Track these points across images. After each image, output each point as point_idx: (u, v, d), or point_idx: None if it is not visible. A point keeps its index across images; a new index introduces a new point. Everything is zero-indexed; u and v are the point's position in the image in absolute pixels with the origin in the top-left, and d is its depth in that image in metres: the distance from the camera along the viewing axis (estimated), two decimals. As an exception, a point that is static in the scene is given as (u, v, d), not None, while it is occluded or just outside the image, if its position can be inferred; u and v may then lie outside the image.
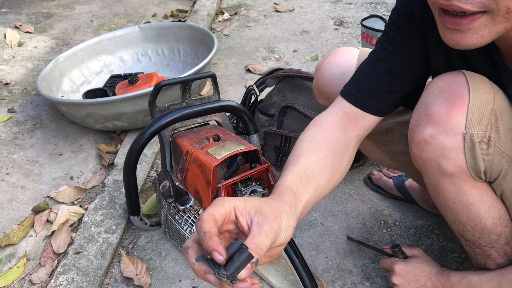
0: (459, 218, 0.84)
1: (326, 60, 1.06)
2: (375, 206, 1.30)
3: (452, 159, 0.76)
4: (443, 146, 0.76)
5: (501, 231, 0.83)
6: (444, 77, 0.78)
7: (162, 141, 1.11)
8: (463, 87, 0.74)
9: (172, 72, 1.99)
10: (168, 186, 1.03)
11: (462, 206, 0.82)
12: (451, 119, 0.74)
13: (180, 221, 1.08)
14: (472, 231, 0.85)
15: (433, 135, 0.76)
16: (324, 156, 0.81)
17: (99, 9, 2.76)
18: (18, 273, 1.14)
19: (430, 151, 0.77)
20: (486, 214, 0.81)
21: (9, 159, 1.55)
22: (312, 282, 0.97)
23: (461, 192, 0.80)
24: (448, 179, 0.79)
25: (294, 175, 0.74)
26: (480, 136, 0.74)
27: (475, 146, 0.74)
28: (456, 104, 0.74)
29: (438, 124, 0.75)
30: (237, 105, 1.12)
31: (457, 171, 0.77)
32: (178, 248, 1.16)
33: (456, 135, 0.74)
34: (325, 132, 0.85)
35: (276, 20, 2.62)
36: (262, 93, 1.44)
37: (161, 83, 1.10)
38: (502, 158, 0.75)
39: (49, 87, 1.70)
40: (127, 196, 1.11)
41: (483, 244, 0.85)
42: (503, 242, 0.84)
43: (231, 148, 1.03)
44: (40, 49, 2.28)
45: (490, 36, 0.64)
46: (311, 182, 0.75)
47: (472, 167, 0.76)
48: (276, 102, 1.40)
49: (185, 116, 1.05)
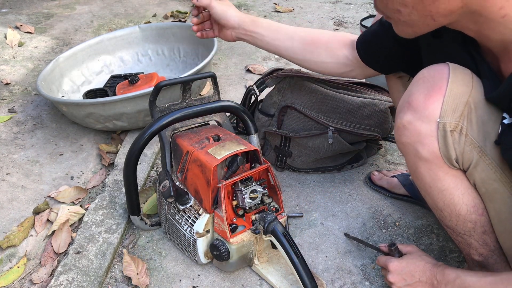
0: (436, 203, 0.88)
1: None
2: (375, 206, 1.31)
3: (427, 145, 0.81)
4: (419, 132, 0.81)
5: (476, 219, 0.85)
6: (430, 67, 0.83)
7: (162, 141, 1.11)
8: (443, 78, 0.79)
9: (172, 72, 1.99)
10: (168, 186, 1.03)
11: (437, 191, 0.86)
12: (427, 107, 0.79)
13: (180, 220, 1.09)
14: (449, 217, 0.88)
15: (410, 121, 0.82)
16: (304, 36, 1.16)
17: (99, 9, 2.76)
18: (19, 273, 1.14)
19: (408, 136, 0.83)
20: (460, 200, 0.85)
21: (9, 159, 1.55)
22: (312, 281, 0.97)
23: (436, 177, 0.85)
24: (424, 164, 0.84)
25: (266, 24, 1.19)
26: (453, 126, 0.79)
27: (447, 135, 0.79)
28: (433, 93, 0.79)
29: (415, 111, 0.81)
30: (237, 105, 1.12)
31: (431, 157, 0.82)
32: (178, 248, 1.16)
33: (431, 123, 0.79)
34: (329, 40, 1.16)
35: (276, 20, 2.61)
36: (262, 93, 1.44)
37: (161, 83, 1.10)
38: (473, 148, 0.79)
39: (49, 87, 1.70)
40: (127, 196, 1.12)
41: (462, 232, 0.89)
42: (480, 231, 0.87)
43: (231, 148, 1.03)
44: (41, 49, 2.28)
45: (415, 34, 0.80)
46: (277, 33, 1.16)
47: (444, 154, 0.81)
48: (276, 102, 1.41)
49: (186, 116, 1.05)
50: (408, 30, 0.78)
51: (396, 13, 0.75)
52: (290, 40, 1.15)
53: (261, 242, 1.08)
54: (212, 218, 1.04)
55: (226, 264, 1.06)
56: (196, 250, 1.08)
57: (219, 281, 1.10)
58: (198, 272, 1.12)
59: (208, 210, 1.03)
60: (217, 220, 1.03)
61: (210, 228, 1.06)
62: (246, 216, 1.04)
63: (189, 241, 1.08)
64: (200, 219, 1.04)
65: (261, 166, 1.06)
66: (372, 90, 1.40)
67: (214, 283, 1.09)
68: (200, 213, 1.05)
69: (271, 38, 1.16)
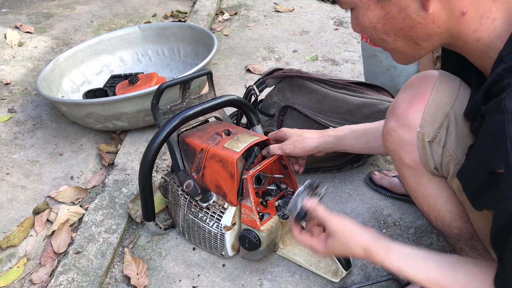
0: (422, 207, 0.89)
1: None
2: (375, 206, 1.31)
3: (409, 152, 0.81)
4: (401, 139, 0.81)
5: (461, 225, 0.85)
6: (420, 74, 0.83)
7: (170, 143, 1.11)
8: (429, 87, 0.79)
9: (172, 72, 1.99)
10: (193, 185, 1.05)
11: (422, 197, 0.87)
12: (408, 116, 0.79)
13: (204, 218, 1.10)
14: (435, 221, 0.88)
15: (394, 127, 0.82)
16: None
17: (99, 9, 2.76)
18: (19, 273, 1.14)
19: (392, 142, 0.84)
20: (443, 207, 0.85)
21: (9, 159, 1.55)
22: None
23: (420, 183, 0.85)
24: (408, 170, 0.85)
25: None
26: (431, 137, 0.78)
27: (425, 145, 0.79)
28: (416, 102, 0.79)
29: (398, 118, 0.81)
30: (241, 98, 1.18)
31: (414, 164, 0.82)
32: (200, 246, 1.17)
33: (412, 131, 0.80)
34: None
35: (276, 20, 2.62)
36: (262, 93, 1.44)
37: (163, 85, 1.10)
38: (451, 160, 0.78)
39: (49, 87, 1.70)
40: (142, 202, 1.12)
41: (450, 236, 0.89)
42: (467, 237, 0.86)
43: (247, 140, 1.06)
44: (40, 49, 2.28)
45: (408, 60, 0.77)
46: None
47: (424, 162, 0.81)
48: (276, 102, 1.40)
49: (197, 114, 1.08)
50: (401, 56, 0.77)
51: (383, 43, 0.75)
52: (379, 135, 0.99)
53: (284, 226, 1.12)
54: (238, 210, 1.06)
55: (256, 253, 1.08)
56: (223, 244, 1.10)
57: (219, 281, 1.10)
58: (198, 272, 1.12)
59: (234, 203, 1.06)
60: (244, 211, 1.05)
61: (236, 220, 1.08)
62: (269, 203, 1.07)
63: (216, 236, 1.09)
64: (227, 212, 1.06)
65: None
66: (372, 90, 1.40)
67: (214, 283, 1.09)
68: (225, 207, 1.07)
69: (362, 143, 1.09)
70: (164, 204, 1.30)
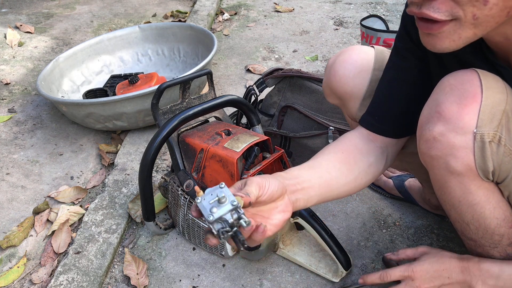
0: (463, 217, 0.84)
1: (340, 58, 1.05)
2: (375, 206, 1.31)
3: (461, 158, 0.76)
4: (453, 144, 0.75)
5: (505, 232, 0.83)
6: (456, 74, 0.77)
7: (170, 143, 1.11)
8: (476, 85, 0.74)
9: (172, 72, 1.99)
10: (193, 185, 1.05)
11: (467, 205, 0.82)
12: (462, 118, 0.74)
13: None
14: (475, 231, 0.84)
15: (442, 132, 0.76)
16: (334, 155, 0.91)
17: (99, 9, 2.76)
18: (19, 273, 1.14)
19: (439, 148, 0.77)
20: (490, 214, 0.81)
21: (9, 159, 1.55)
22: (344, 254, 1.03)
23: (468, 191, 0.80)
24: (455, 178, 0.79)
25: (296, 167, 0.85)
26: (491, 136, 0.74)
27: (485, 146, 0.74)
28: (468, 102, 0.74)
29: (448, 122, 0.75)
30: (241, 98, 1.18)
31: (465, 170, 0.77)
32: (200, 246, 1.17)
33: (466, 134, 0.74)
34: (342, 140, 0.95)
35: (276, 20, 2.62)
36: (262, 93, 1.44)
37: (163, 85, 1.10)
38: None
39: (49, 87, 1.70)
40: (142, 202, 1.12)
41: (485, 244, 0.85)
42: (506, 243, 0.84)
43: (246, 140, 1.06)
44: (40, 49, 2.28)
45: (461, 41, 0.68)
46: (314, 169, 0.86)
47: (480, 166, 0.76)
48: (276, 102, 1.40)
49: (197, 114, 1.08)
50: (468, 33, 0.67)
51: (474, 7, 0.64)
52: (330, 168, 0.90)
53: (284, 226, 1.11)
54: None
55: (256, 253, 1.08)
56: (223, 244, 1.10)
57: (219, 281, 1.10)
58: (198, 272, 1.12)
59: None
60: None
61: None
62: None
63: None
64: None
65: (276, 153, 1.10)
66: (372, 90, 1.40)
67: (214, 283, 1.09)
68: None
69: (321, 180, 0.87)
70: (164, 204, 1.30)
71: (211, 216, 0.63)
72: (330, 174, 0.87)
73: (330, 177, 0.87)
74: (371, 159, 0.93)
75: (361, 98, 1.02)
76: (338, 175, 0.88)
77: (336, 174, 0.88)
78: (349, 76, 1.03)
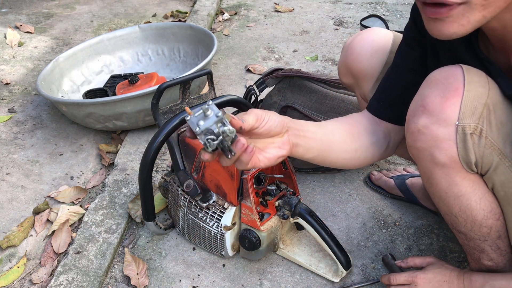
0: (451, 209, 0.86)
1: (358, 37, 1.07)
2: (375, 206, 1.31)
3: (444, 149, 0.78)
4: (436, 136, 0.78)
5: (492, 224, 0.84)
6: (442, 69, 0.80)
7: (171, 143, 1.11)
8: (459, 80, 0.76)
9: (172, 72, 1.99)
10: (193, 185, 1.05)
11: (454, 197, 0.84)
12: (444, 110, 0.76)
13: (204, 218, 1.10)
14: (463, 223, 0.86)
15: (426, 125, 0.78)
16: (340, 124, 0.94)
17: (99, 9, 2.76)
18: (19, 273, 1.14)
19: (424, 140, 0.80)
20: (477, 206, 0.83)
21: (9, 159, 1.55)
22: (344, 254, 1.04)
23: (453, 183, 0.82)
24: (440, 169, 0.81)
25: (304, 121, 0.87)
26: (472, 128, 0.76)
27: (467, 138, 0.76)
28: (450, 96, 0.76)
29: (432, 115, 0.78)
30: (241, 98, 1.18)
31: (449, 162, 0.79)
32: (200, 246, 1.17)
33: (449, 126, 0.76)
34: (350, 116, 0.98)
35: (276, 20, 2.62)
36: (262, 93, 1.44)
37: (163, 85, 1.10)
38: (493, 151, 0.77)
39: (49, 87, 1.70)
40: (143, 202, 1.12)
41: (475, 237, 0.87)
42: (494, 236, 0.85)
43: None
44: (40, 49, 2.28)
45: (470, 25, 0.68)
46: (320, 126, 0.89)
47: (463, 158, 0.78)
48: (276, 102, 1.40)
49: None
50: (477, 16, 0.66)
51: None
52: (335, 130, 0.94)
53: (284, 226, 1.12)
54: (238, 210, 1.06)
55: (256, 253, 1.08)
56: (223, 244, 1.10)
57: (219, 281, 1.10)
58: (198, 272, 1.12)
59: (234, 203, 1.06)
60: (244, 211, 1.05)
61: (236, 220, 1.08)
62: (269, 203, 1.07)
63: (216, 236, 1.09)
64: (227, 212, 1.06)
65: None
66: (372, 90, 1.40)
67: (214, 283, 1.09)
68: (225, 207, 1.07)
69: (325, 136, 0.90)
70: (164, 204, 1.30)
71: (198, 128, 0.67)
72: (333, 136, 0.90)
73: (333, 139, 0.90)
74: (374, 139, 0.96)
75: (375, 78, 1.05)
76: (340, 140, 0.91)
77: (339, 139, 0.91)
78: (366, 55, 1.05)
